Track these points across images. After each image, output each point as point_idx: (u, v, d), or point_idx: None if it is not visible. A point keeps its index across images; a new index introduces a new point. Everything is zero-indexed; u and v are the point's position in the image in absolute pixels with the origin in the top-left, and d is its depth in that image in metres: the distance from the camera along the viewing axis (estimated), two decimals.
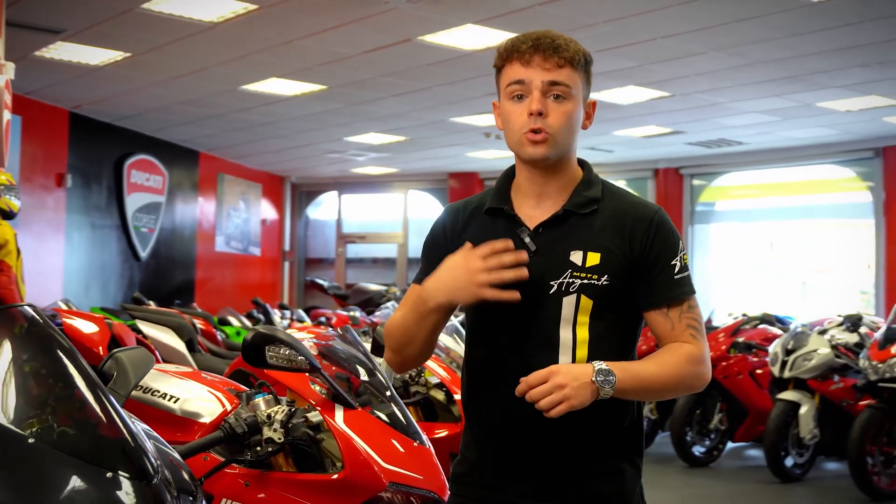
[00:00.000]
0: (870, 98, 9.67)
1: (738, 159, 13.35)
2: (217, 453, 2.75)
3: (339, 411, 2.82)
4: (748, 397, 7.67)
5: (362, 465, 2.71)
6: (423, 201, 16.51)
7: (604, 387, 1.87)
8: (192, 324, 5.84)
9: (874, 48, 7.84)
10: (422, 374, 4.20)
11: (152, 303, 8.74)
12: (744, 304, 12.17)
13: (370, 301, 11.99)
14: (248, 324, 9.20)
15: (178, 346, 5.47)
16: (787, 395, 6.96)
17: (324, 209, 17.53)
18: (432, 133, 12.10)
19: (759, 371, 7.77)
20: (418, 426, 2.99)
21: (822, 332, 7.29)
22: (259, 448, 2.64)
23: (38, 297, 8.43)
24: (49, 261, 10.84)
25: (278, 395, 2.79)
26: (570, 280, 1.96)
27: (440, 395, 4.30)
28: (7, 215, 6.08)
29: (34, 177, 10.68)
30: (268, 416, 2.65)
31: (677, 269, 2.01)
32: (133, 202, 12.37)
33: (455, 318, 5.57)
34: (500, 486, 2.02)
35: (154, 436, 2.04)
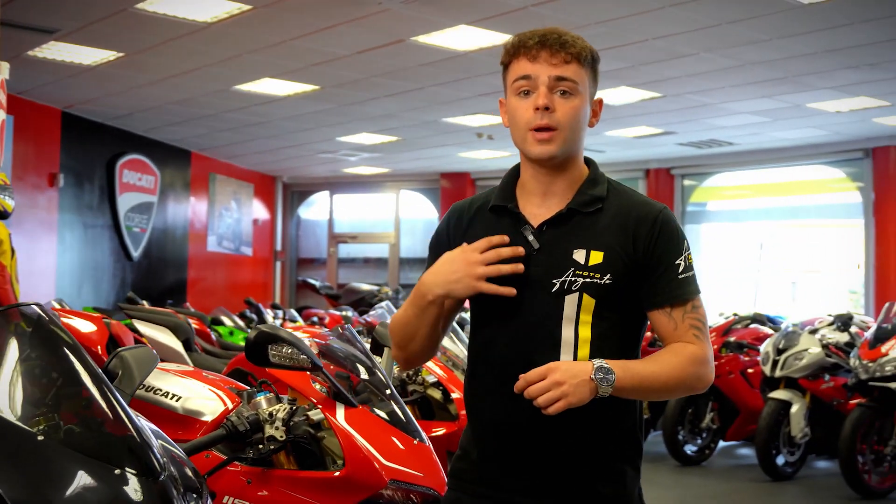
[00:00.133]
0: (859, 99, 9.72)
1: (729, 160, 13.38)
2: (219, 451, 2.78)
3: (341, 409, 2.84)
4: (739, 396, 7.70)
5: (363, 463, 2.74)
6: (414, 201, 16.51)
7: (602, 385, 1.85)
8: (187, 323, 5.85)
9: (864, 50, 7.88)
10: (419, 372, 4.22)
11: (145, 302, 8.73)
12: (734, 304, 12.23)
13: (362, 301, 12.00)
14: (240, 324, 9.18)
15: (175, 345, 5.48)
16: (779, 394, 6.98)
17: (315, 209, 17.50)
18: (424, 133, 12.10)
19: (750, 370, 7.80)
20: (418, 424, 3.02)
21: (813, 332, 7.33)
22: (261, 446, 2.66)
23: (31, 297, 8.33)
24: (41, 260, 10.82)
25: (279, 394, 2.82)
26: (573, 279, 1.95)
27: (437, 394, 4.32)
28: (1, 215, 6.07)
29: (26, 176, 10.65)
30: (269, 415, 2.68)
31: (681, 268, 1.98)
32: (125, 202, 12.34)
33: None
34: (499, 482, 2.02)
35: (159, 433, 2.06)
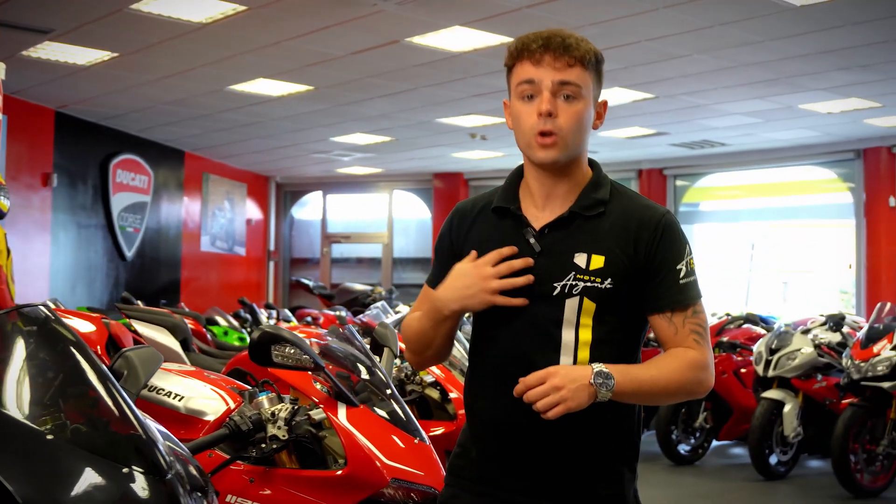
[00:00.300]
0: (851, 100, 9.77)
1: (721, 160, 13.41)
2: (221, 450, 2.79)
3: (342, 409, 2.86)
4: (732, 396, 7.73)
5: (365, 462, 2.76)
6: (407, 201, 16.52)
7: (602, 390, 1.86)
8: (184, 323, 5.85)
9: (855, 51, 7.92)
10: (417, 372, 4.25)
11: (140, 302, 8.73)
12: (726, 304, 12.29)
13: (356, 301, 12.00)
14: (235, 323, 9.18)
15: (174, 345, 5.48)
16: (771, 393, 7.01)
17: (309, 209, 17.49)
18: (418, 133, 12.11)
19: (743, 370, 7.84)
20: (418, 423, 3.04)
21: (806, 332, 7.37)
22: (264, 445, 2.68)
23: (25, 297, 8.36)
24: (35, 260, 10.80)
25: (280, 394, 2.84)
26: (574, 282, 1.95)
27: (435, 394, 4.34)
28: None
29: (20, 176, 10.63)
30: (272, 414, 2.70)
31: (683, 273, 1.98)
32: (118, 202, 12.32)
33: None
34: (498, 482, 2.03)
35: (165, 432, 2.08)
